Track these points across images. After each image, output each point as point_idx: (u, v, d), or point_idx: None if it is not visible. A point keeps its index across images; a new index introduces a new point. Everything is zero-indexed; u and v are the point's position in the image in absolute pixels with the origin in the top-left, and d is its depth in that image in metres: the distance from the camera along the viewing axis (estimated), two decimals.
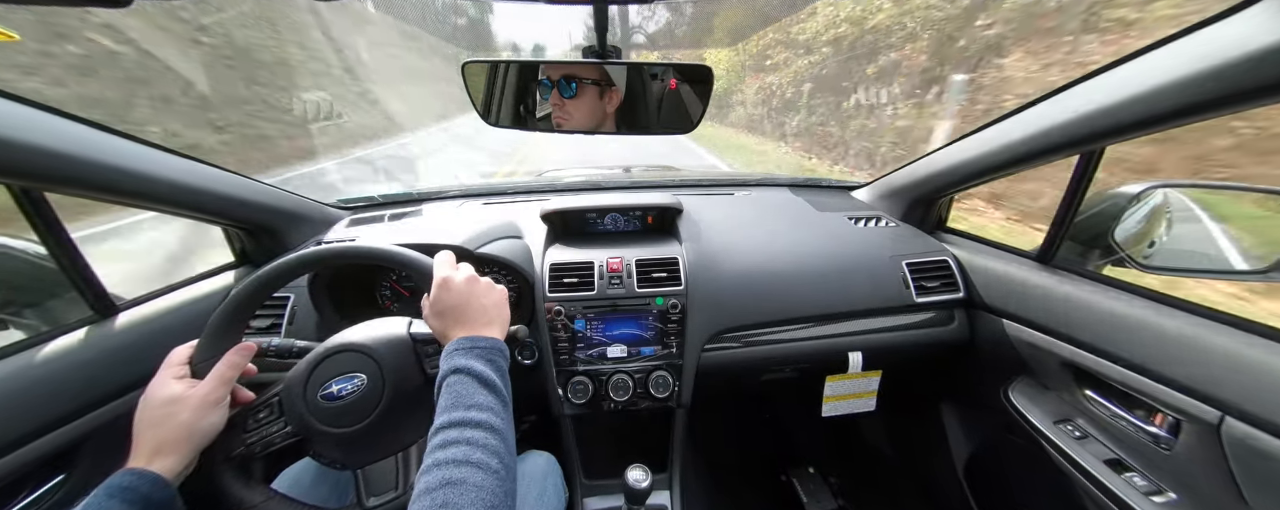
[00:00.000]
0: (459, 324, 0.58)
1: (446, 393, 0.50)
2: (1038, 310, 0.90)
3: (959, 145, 1.02)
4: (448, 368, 0.52)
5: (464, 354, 0.53)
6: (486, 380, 0.51)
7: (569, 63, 0.68)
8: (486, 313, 0.60)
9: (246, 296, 0.62)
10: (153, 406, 0.54)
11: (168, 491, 0.50)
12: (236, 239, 1.04)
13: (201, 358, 0.58)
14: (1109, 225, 0.87)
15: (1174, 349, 0.68)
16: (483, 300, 0.61)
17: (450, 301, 0.58)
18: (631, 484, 0.79)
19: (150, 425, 0.53)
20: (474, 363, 0.52)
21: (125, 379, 0.72)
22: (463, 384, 0.50)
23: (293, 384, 0.60)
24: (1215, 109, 0.57)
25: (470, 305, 0.59)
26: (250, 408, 0.60)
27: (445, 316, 0.58)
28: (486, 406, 0.49)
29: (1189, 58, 0.57)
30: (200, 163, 0.86)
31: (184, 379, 0.57)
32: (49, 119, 0.63)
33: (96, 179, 0.68)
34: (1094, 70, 0.72)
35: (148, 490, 0.48)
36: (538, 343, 0.95)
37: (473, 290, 0.60)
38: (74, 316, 0.75)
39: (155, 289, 0.88)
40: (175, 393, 0.54)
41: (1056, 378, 0.89)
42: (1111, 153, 0.79)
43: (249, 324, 0.64)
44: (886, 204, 1.28)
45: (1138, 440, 0.74)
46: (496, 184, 1.44)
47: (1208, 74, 0.55)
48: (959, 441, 1.21)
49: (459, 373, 0.51)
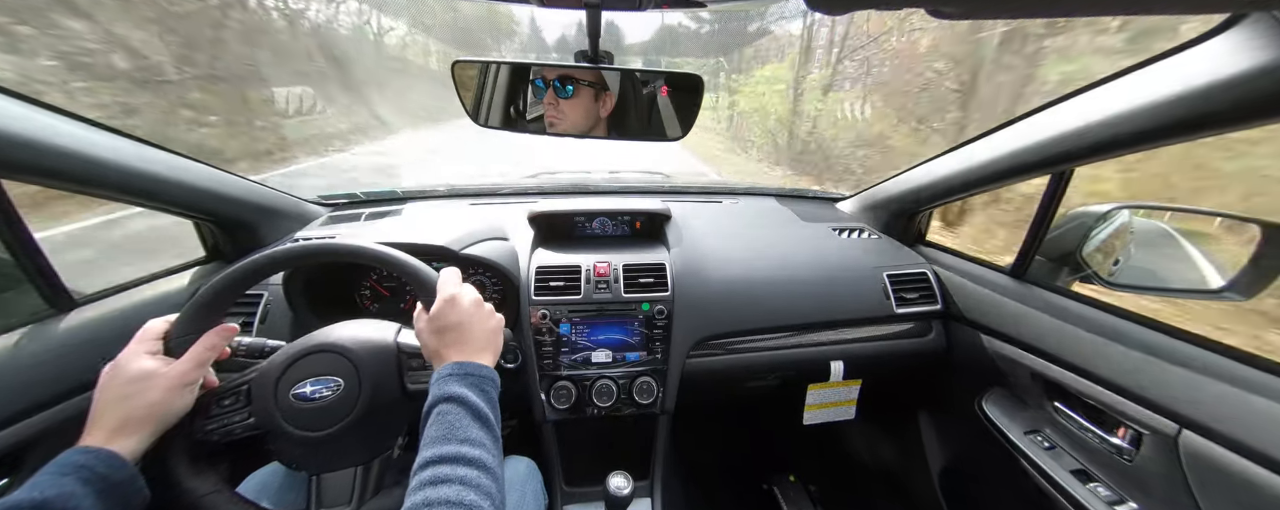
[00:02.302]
0: (455, 346, 0.56)
1: (437, 422, 0.48)
2: (1010, 323, 0.93)
3: (938, 161, 1.05)
4: (440, 393, 0.50)
5: (458, 381, 0.51)
6: (480, 414, 0.49)
7: (561, 65, 0.68)
8: (484, 339, 0.58)
9: (242, 275, 0.59)
10: (121, 381, 0.50)
11: (126, 471, 0.47)
12: (208, 234, 1.00)
13: (179, 333, 0.55)
14: (1078, 243, 0.90)
15: (1137, 364, 0.71)
16: (485, 325, 0.59)
17: (453, 319, 0.56)
18: (613, 491, 0.78)
19: (116, 401, 0.50)
20: (469, 392, 0.50)
21: (80, 377, 0.69)
22: (456, 415, 0.48)
23: (265, 377, 0.58)
24: (1179, 134, 0.61)
25: (471, 328, 0.57)
26: (216, 393, 0.58)
27: (443, 334, 0.56)
28: (479, 442, 0.47)
29: (1156, 85, 0.60)
30: (171, 153, 0.83)
31: (157, 355, 0.54)
32: (8, 103, 0.59)
33: (55, 166, 0.64)
34: (1067, 94, 0.76)
35: (104, 470, 0.45)
36: (521, 346, 0.94)
37: (476, 313, 0.58)
38: (27, 311, 0.71)
39: (116, 284, 0.84)
40: (148, 368, 0.51)
41: (1027, 389, 0.92)
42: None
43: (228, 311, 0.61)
44: (869, 216, 1.31)
45: (1102, 451, 0.77)
46: (483, 185, 1.43)
47: (1172, 100, 0.58)
48: (935, 451, 1.23)
49: (453, 401, 0.49)
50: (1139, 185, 2.56)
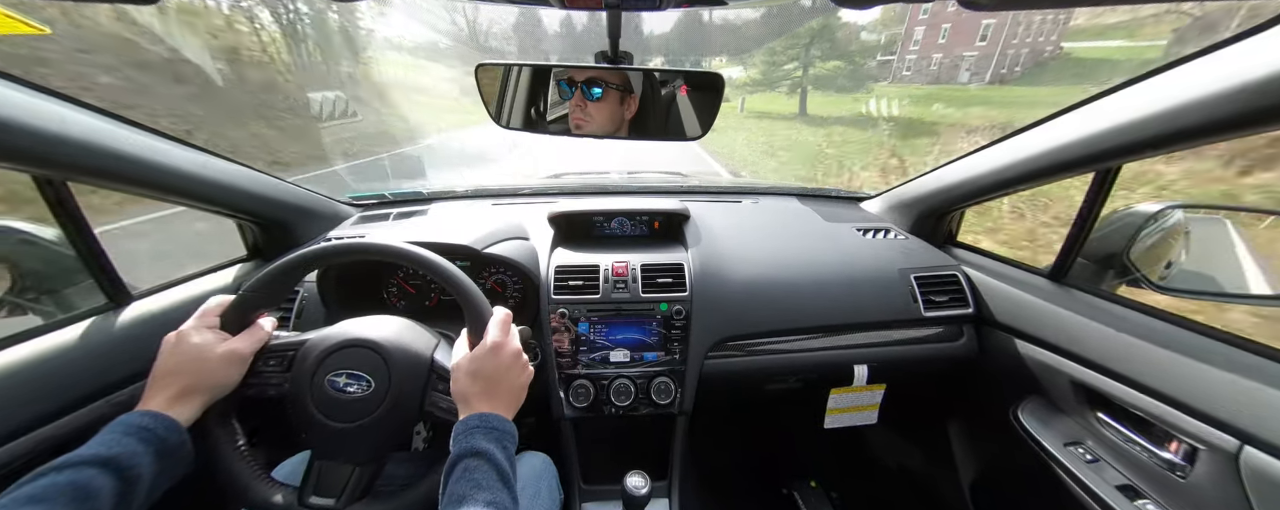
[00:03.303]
0: (486, 395, 0.56)
1: (464, 477, 0.48)
2: (1049, 329, 0.88)
3: (971, 159, 1.01)
4: (469, 447, 0.50)
5: (484, 435, 0.51)
6: (504, 473, 0.50)
7: (582, 67, 0.69)
8: (514, 393, 0.59)
9: (302, 262, 0.62)
10: (182, 351, 0.54)
11: (181, 437, 0.51)
12: (249, 233, 1.05)
13: (236, 309, 0.59)
14: (1124, 244, 0.85)
15: (1191, 374, 0.66)
16: (518, 379, 0.60)
17: (491, 369, 0.57)
18: (630, 490, 0.78)
19: (176, 371, 0.53)
20: (495, 450, 0.50)
21: (135, 368, 0.73)
22: (483, 472, 0.48)
23: (309, 352, 0.60)
24: (1237, 129, 0.56)
25: (505, 381, 0.58)
26: (263, 351, 0.61)
27: (477, 379, 0.56)
28: (504, 506, 0.47)
29: (1212, 76, 0.56)
30: (216, 156, 0.88)
31: (216, 330, 0.58)
32: (72, 111, 0.64)
33: (116, 170, 0.69)
34: (1112, 87, 0.71)
35: (164, 433, 0.49)
36: (540, 344, 0.95)
37: (513, 366, 0.59)
38: (89, 304, 0.77)
39: (168, 280, 0.90)
40: (207, 342, 0.55)
41: (1067, 399, 0.87)
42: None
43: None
44: (896, 216, 1.27)
45: (1151, 467, 0.72)
46: (505, 185, 1.45)
47: (1231, 93, 0.54)
48: (965, 460, 1.18)
49: (480, 457, 0.49)
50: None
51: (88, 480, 0.43)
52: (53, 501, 0.40)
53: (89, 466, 0.43)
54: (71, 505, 0.41)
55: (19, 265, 0.73)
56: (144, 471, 0.46)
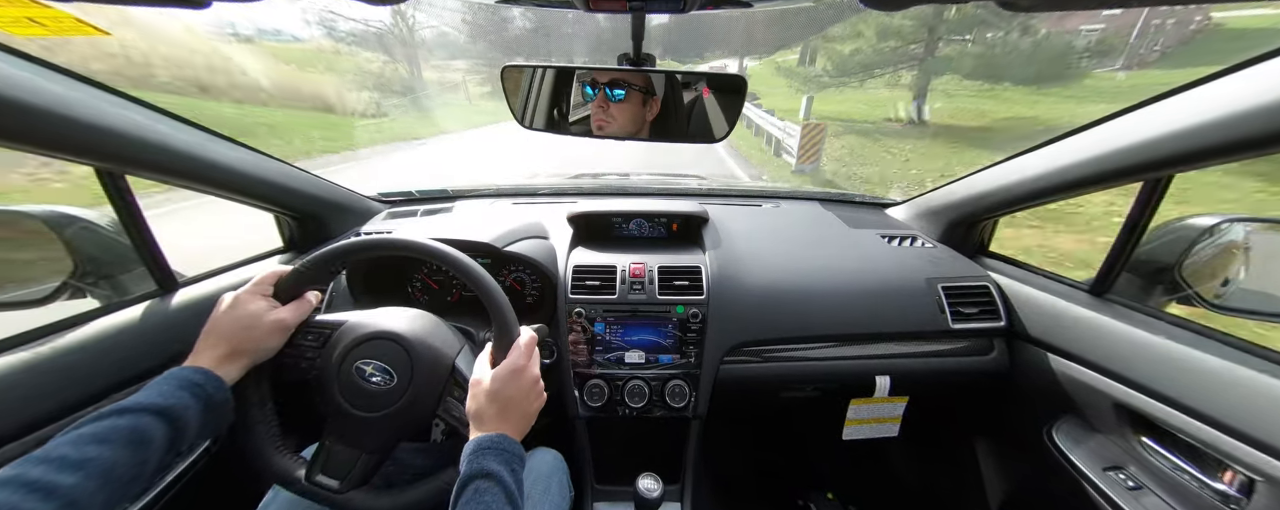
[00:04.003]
0: (499, 418, 0.56)
1: (473, 500, 0.48)
2: (1089, 345, 0.83)
3: (1007, 166, 0.96)
4: (479, 467, 0.51)
5: (495, 457, 0.52)
6: (513, 498, 0.50)
7: (605, 68, 0.70)
8: (526, 419, 0.60)
9: (355, 248, 0.64)
10: (238, 315, 0.58)
11: (226, 394, 0.54)
12: (286, 226, 1.11)
13: (290, 282, 0.63)
14: (1175, 259, 0.80)
15: (1250, 399, 0.61)
16: (532, 406, 0.60)
17: (509, 392, 0.58)
18: (642, 492, 0.78)
19: (227, 333, 0.57)
20: (505, 473, 0.51)
21: (182, 349, 0.78)
22: (493, 495, 0.49)
23: (345, 334, 0.63)
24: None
25: (520, 406, 0.59)
26: (305, 324, 0.64)
27: (495, 400, 0.57)
28: None
29: (1277, 81, 0.52)
30: (259, 154, 0.93)
31: (268, 298, 0.61)
32: (134, 111, 0.69)
33: (171, 165, 0.74)
34: (1166, 92, 0.67)
35: (211, 390, 0.52)
36: (557, 343, 0.96)
37: (530, 392, 0.60)
38: (141, 290, 0.82)
39: (212, 269, 0.95)
40: (260, 308, 0.59)
41: (1108, 420, 0.82)
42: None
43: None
44: (924, 224, 1.22)
45: (1202, 497, 0.67)
46: (526, 185, 1.48)
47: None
48: (994, 481, 1.13)
49: (491, 479, 0.50)
50: None
51: (145, 426, 0.46)
52: (114, 443, 0.44)
53: (146, 413, 0.47)
54: (129, 447, 0.44)
55: (80, 250, 0.78)
56: (191, 422, 0.50)
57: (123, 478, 0.44)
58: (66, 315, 0.71)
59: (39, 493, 0.38)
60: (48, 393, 0.64)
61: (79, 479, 0.40)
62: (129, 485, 0.44)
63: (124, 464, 0.44)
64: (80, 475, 0.41)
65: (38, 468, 0.40)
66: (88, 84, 0.63)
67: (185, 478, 0.78)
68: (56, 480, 0.39)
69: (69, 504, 0.39)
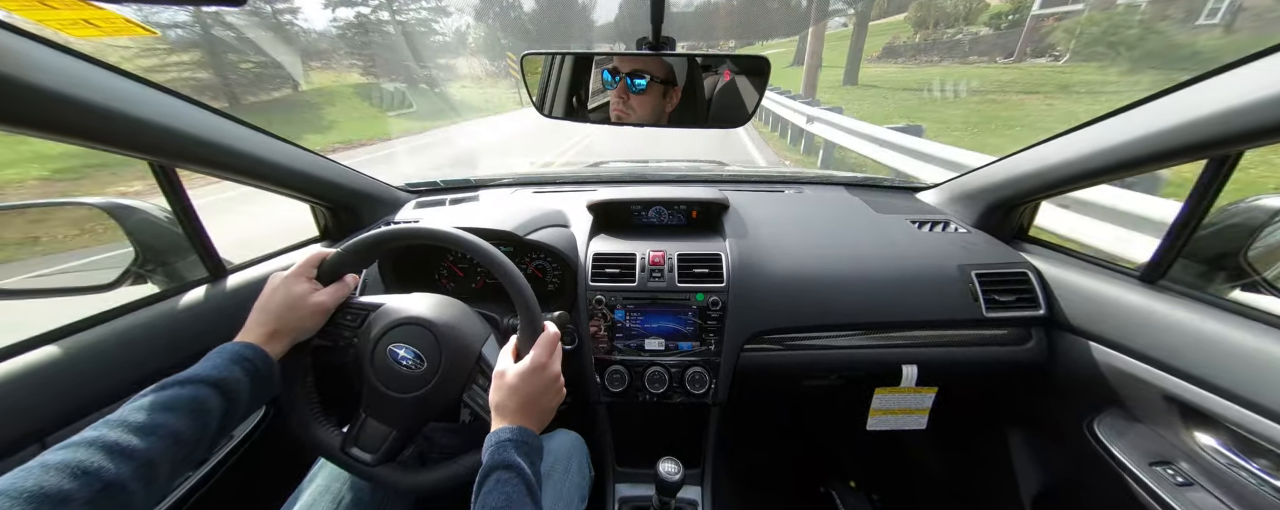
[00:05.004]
0: (520, 412, 0.58)
1: (495, 490, 0.50)
2: (1139, 335, 0.79)
3: (1050, 146, 0.91)
4: (501, 459, 0.52)
5: (516, 448, 0.54)
6: (533, 490, 0.52)
7: (624, 54, 0.69)
8: (546, 413, 0.61)
9: (393, 236, 0.68)
10: (283, 294, 0.62)
11: (272, 369, 0.58)
12: (321, 216, 1.16)
13: (332, 266, 0.67)
14: (1239, 243, 0.73)
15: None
16: (552, 401, 0.62)
17: (531, 387, 0.59)
18: (663, 475, 0.79)
19: (274, 312, 0.61)
20: (525, 465, 0.53)
21: (230, 333, 0.84)
22: (514, 486, 0.50)
23: (381, 318, 0.66)
24: None
25: (541, 401, 0.60)
26: (345, 305, 0.67)
27: (516, 394, 0.58)
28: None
29: None
30: (298, 147, 0.97)
31: (312, 280, 0.65)
32: (184, 107, 0.73)
33: (218, 159, 0.79)
34: (1229, 63, 0.61)
35: (259, 364, 0.57)
36: (578, 330, 0.98)
37: (550, 388, 0.61)
38: (193, 276, 0.88)
39: (256, 256, 1.01)
40: (304, 290, 0.63)
41: (1156, 413, 0.77)
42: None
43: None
44: (957, 209, 1.17)
45: (1260, 495, 0.63)
46: (546, 173, 1.49)
47: None
48: (1028, 474, 1.09)
49: (512, 471, 0.52)
50: None
51: (205, 397, 0.50)
52: (178, 410, 0.48)
53: (203, 385, 0.51)
54: (191, 416, 0.49)
55: (140, 240, 0.84)
56: (242, 394, 0.54)
57: (188, 442, 0.48)
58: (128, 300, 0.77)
59: (119, 455, 0.42)
60: (114, 371, 0.70)
61: (152, 442, 0.44)
62: (192, 450, 0.48)
63: (188, 430, 0.48)
64: (153, 439, 0.45)
65: (115, 431, 0.44)
66: (140, 82, 0.67)
67: (242, 449, 0.84)
68: (134, 443, 0.43)
69: (145, 464, 0.43)
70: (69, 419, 0.64)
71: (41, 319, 0.67)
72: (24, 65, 0.50)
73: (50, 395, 0.62)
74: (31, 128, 0.54)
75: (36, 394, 0.61)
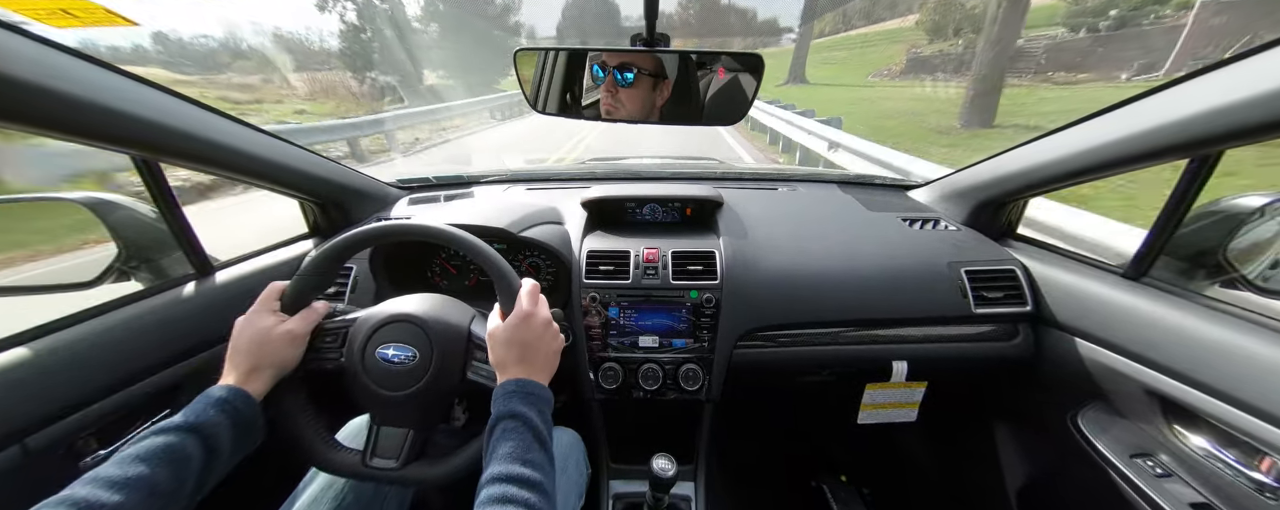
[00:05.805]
0: (521, 362, 0.59)
1: (504, 439, 0.51)
2: (1121, 331, 0.80)
3: (1039, 145, 0.92)
4: (506, 409, 0.53)
5: (522, 400, 0.54)
6: (541, 437, 0.52)
7: (618, 50, 0.68)
8: (548, 359, 0.61)
9: (343, 247, 0.67)
10: (249, 333, 0.61)
11: (254, 408, 0.57)
12: (310, 212, 1.14)
13: (293, 295, 0.65)
14: (1220, 241, 0.75)
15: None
16: (550, 346, 0.62)
17: (524, 336, 0.59)
18: (656, 471, 0.80)
19: (247, 350, 0.60)
20: (532, 414, 0.54)
21: (220, 330, 0.82)
22: (520, 435, 0.51)
23: (359, 329, 0.65)
24: None
25: (539, 348, 0.60)
26: (320, 329, 0.66)
27: (512, 346, 0.59)
28: (540, 465, 0.50)
29: None
30: (285, 142, 0.95)
31: (277, 313, 0.64)
32: (169, 100, 0.71)
33: (204, 154, 0.77)
34: (1217, 62, 0.62)
35: (240, 405, 0.56)
36: (572, 327, 0.98)
37: (544, 333, 0.61)
38: (179, 273, 0.86)
39: (244, 253, 0.99)
40: (268, 324, 0.62)
41: (1137, 407, 0.79)
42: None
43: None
44: (947, 206, 1.19)
45: (1236, 486, 0.65)
46: (540, 170, 1.48)
47: None
48: (1014, 466, 1.11)
49: (517, 419, 0.53)
50: None
51: (182, 445, 0.49)
52: (153, 460, 0.47)
53: (182, 432, 0.50)
54: (167, 465, 0.47)
55: (123, 236, 0.83)
56: (224, 439, 0.53)
57: (163, 494, 0.46)
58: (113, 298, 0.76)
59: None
60: (101, 369, 0.68)
61: (124, 495, 0.43)
62: (169, 502, 0.47)
63: (164, 480, 0.47)
64: (125, 492, 0.44)
65: (87, 488, 0.43)
66: (123, 75, 0.65)
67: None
68: (103, 498, 0.42)
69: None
70: (49, 421, 0.63)
71: (21, 318, 0.66)
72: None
73: (20, 397, 0.61)
74: (6, 120, 0.52)
75: (6, 397, 0.59)
